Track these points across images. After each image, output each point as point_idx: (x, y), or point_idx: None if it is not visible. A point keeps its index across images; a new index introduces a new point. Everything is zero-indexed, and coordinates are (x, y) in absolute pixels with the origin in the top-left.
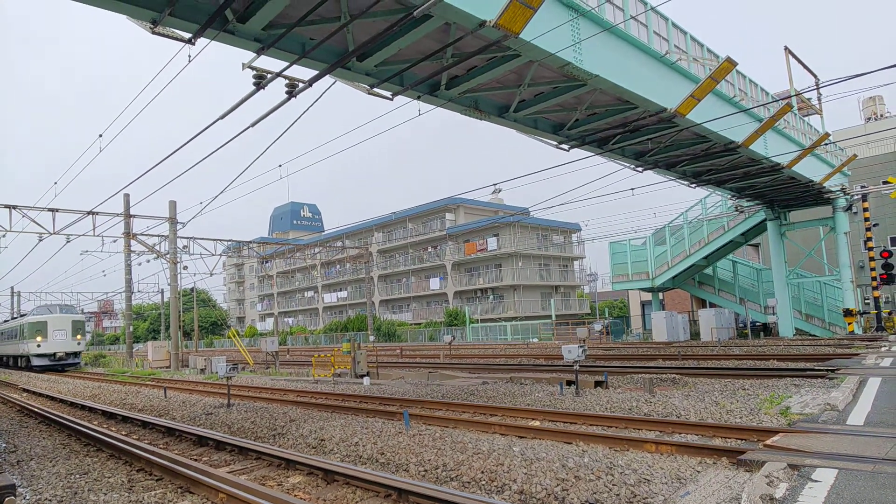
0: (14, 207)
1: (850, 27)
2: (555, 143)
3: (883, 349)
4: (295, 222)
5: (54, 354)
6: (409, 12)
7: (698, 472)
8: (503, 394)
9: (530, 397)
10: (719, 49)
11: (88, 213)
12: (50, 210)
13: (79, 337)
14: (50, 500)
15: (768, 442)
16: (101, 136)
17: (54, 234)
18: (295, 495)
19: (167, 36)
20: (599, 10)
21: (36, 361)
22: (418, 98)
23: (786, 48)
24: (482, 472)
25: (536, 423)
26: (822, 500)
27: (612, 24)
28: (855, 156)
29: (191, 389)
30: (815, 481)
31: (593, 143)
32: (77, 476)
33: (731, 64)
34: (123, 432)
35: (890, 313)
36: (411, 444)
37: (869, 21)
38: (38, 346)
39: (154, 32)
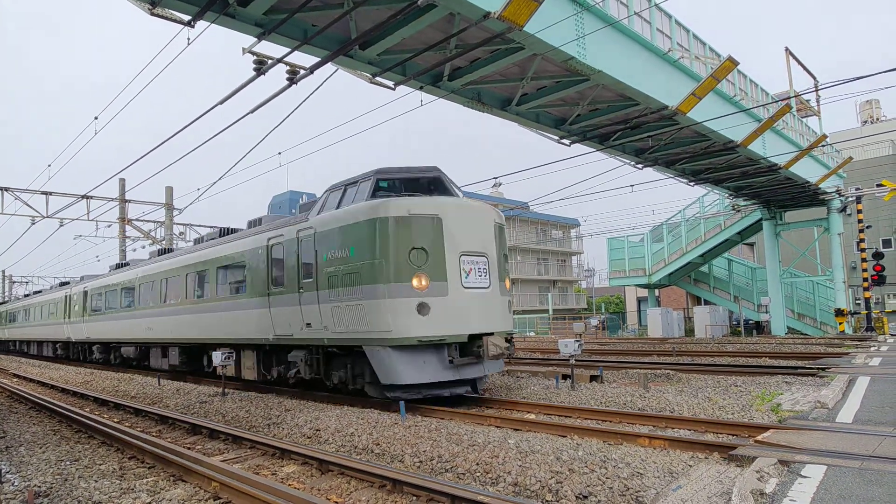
0: (6, 189)
1: (848, 30)
2: (556, 137)
3: (872, 349)
4: (293, 211)
5: (475, 345)
6: (413, 1)
7: (690, 466)
8: (499, 386)
9: (526, 390)
10: (721, 47)
11: (83, 196)
12: (43, 193)
13: (507, 284)
14: (39, 487)
15: (759, 438)
16: (96, 118)
17: (47, 217)
18: (289, 484)
19: (166, 17)
20: (604, 5)
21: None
22: (420, 88)
23: (786, 49)
24: (477, 464)
25: (532, 416)
26: (810, 495)
27: (616, 20)
28: (850, 158)
29: (186, 378)
30: (805, 477)
31: (594, 138)
32: (67, 463)
33: (732, 63)
34: (115, 419)
35: (880, 314)
36: (407, 434)
37: (868, 25)
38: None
39: (153, 14)
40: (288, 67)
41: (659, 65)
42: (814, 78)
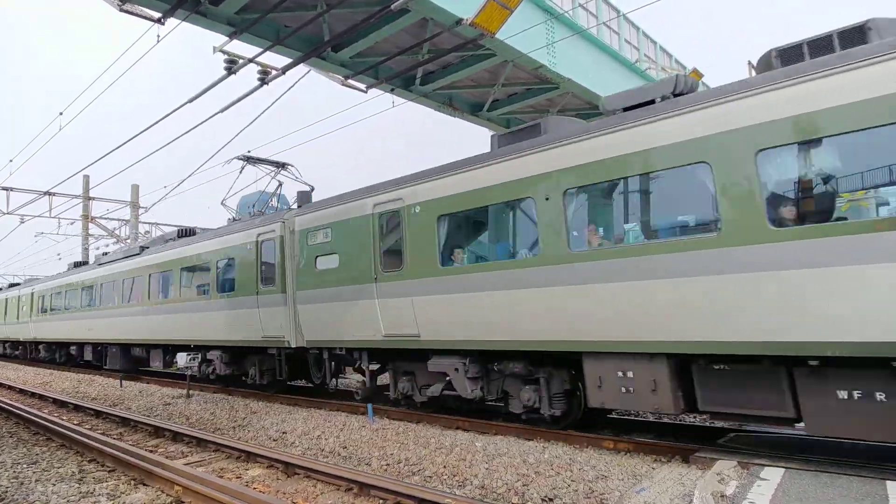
0: None
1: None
2: None
3: None
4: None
5: None
6: (387, 5)
7: (653, 469)
8: None
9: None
10: (686, 58)
11: (45, 193)
12: (4, 189)
13: None
14: None
15: (720, 441)
16: (61, 114)
17: (7, 214)
18: (254, 488)
19: (135, 14)
20: (573, 15)
21: None
22: (392, 91)
23: (749, 63)
24: (444, 467)
25: (499, 419)
26: (769, 497)
27: (584, 28)
28: None
29: (148, 379)
30: (764, 479)
31: None
32: (24, 465)
33: (697, 75)
34: (75, 421)
35: None
36: (374, 437)
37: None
38: None
39: (122, 10)
40: (260, 67)
41: (627, 75)
42: None
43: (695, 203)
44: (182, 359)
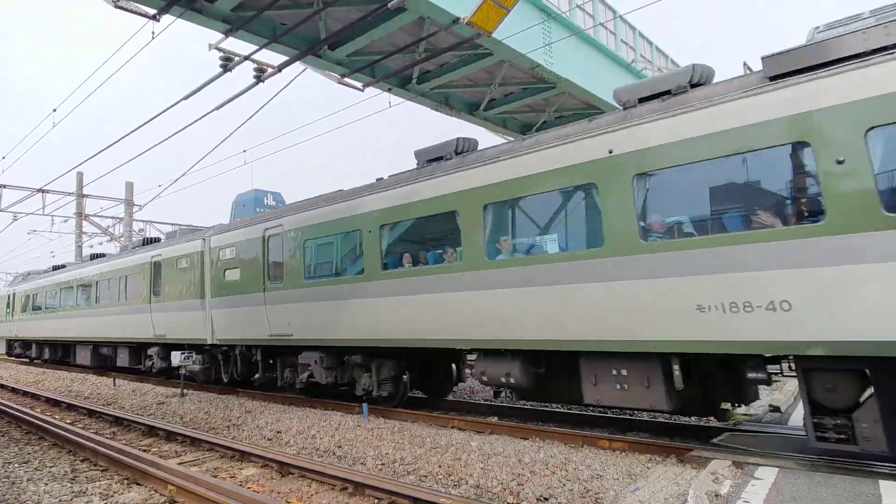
0: None
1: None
2: None
3: None
4: (258, 210)
5: None
6: (383, 4)
7: (648, 468)
8: (463, 389)
9: (490, 392)
10: (683, 58)
11: (38, 190)
12: None
13: None
14: None
15: (714, 441)
16: (55, 110)
17: (0, 211)
18: (248, 487)
19: (131, 11)
20: (571, 15)
21: None
22: (389, 90)
23: (744, 64)
24: (439, 467)
25: (495, 419)
26: (763, 497)
27: (581, 29)
28: None
29: (142, 378)
30: (758, 479)
31: None
32: (16, 465)
33: None
34: (68, 420)
35: None
36: (369, 437)
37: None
38: None
39: (117, 6)
40: (255, 65)
41: (623, 75)
42: None
43: None
44: (176, 357)
